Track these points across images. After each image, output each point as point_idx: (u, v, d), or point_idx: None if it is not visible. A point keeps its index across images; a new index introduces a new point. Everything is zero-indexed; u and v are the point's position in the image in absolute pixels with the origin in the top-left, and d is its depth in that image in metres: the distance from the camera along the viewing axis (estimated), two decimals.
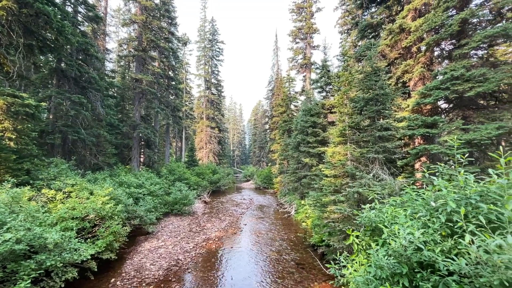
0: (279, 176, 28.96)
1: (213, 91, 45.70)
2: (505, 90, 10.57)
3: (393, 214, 4.71)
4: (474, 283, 2.65)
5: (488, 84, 8.90)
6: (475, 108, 10.82)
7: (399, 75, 13.32)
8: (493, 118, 9.57)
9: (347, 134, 8.66)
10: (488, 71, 9.29)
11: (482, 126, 8.94)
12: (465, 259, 2.80)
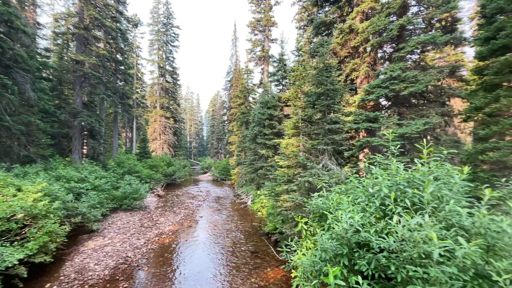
0: (236, 168, 29.12)
1: (167, 79, 43.21)
2: (431, 91, 12.20)
3: (338, 201, 5.12)
4: (400, 257, 3.03)
5: (418, 85, 10.15)
6: (408, 105, 12.29)
7: (348, 73, 14.34)
8: (421, 115, 10.99)
9: (300, 127, 9.06)
10: (419, 73, 10.58)
11: (412, 122, 10.20)
12: (394, 237, 3.18)
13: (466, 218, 3.23)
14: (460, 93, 8.64)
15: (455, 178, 3.51)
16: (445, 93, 11.53)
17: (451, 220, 3.38)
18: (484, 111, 6.74)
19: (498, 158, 6.05)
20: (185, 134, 72.52)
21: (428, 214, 3.18)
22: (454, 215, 3.37)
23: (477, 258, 2.67)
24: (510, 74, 6.35)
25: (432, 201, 3.56)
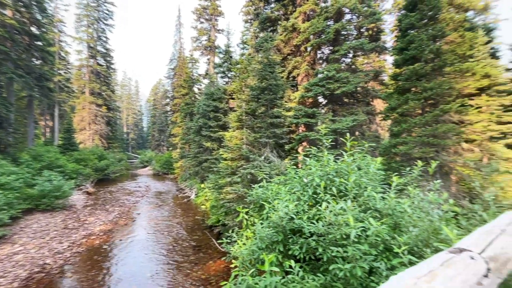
0: (180, 161, 27.95)
1: (99, 61, 38.24)
2: (359, 91, 13.79)
3: (276, 191, 5.39)
4: (326, 240, 3.36)
5: (349, 86, 11.34)
6: (341, 104, 13.66)
7: (290, 70, 15.07)
8: (351, 113, 12.35)
9: (243, 120, 9.17)
10: (350, 75, 11.81)
11: (344, 119, 11.39)
12: (322, 222, 3.51)
13: (379, 202, 3.77)
14: (381, 95, 9.97)
15: (370, 168, 4.02)
16: (369, 94, 13.16)
17: (368, 204, 3.91)
18: (397, 111, 7.94)
19: (405, 151, 7.23)
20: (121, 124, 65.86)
21: (350, 200, 3.60)
22: (371, 200, 3.90)
23: (385, 235, 3.16)
24: (417, 81, 7.59)
25: (355, 188, 4.05)
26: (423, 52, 7.11)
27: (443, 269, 0.57)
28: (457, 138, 7.14)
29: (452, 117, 7.12)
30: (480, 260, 0.64)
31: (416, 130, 7.36)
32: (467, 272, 0.57)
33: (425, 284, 0.51)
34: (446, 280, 0.53)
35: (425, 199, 3.45)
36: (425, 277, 0.53)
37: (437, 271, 0.55)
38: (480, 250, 0.69)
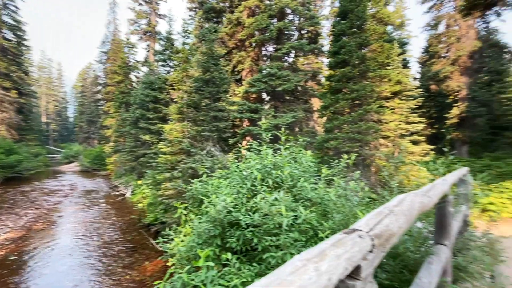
0: (113, 156, 25.28)
1: (6, 35, 31.37)
2: (299, 90, 14.68)
3: (217, 185, 5.33)
4: (261, 230, 3.48)
5: (290, 84, 11.96)
6: (283, 100, 14.32)
7: (235, 64, 15.02)
8: (291, 109, 13.07)
9: (185, 112, 8.77)
10: (291, 74, 12.45)
11: (284, 115, 11.97)
12: (258, 214, 3.61)
13: (310, 192, 4.08)
14: (317, 94, 10.80)
15: (301, 160, 4.31)
16: (307, 93, 14.12)
17: (301, 194, 4.20)
18: (330, 109, 8.72)
19: (336, 146, 8.02)
20: (38, 113, 55.88)
21: (284, 191, 3.81)
22: (304, 190, 4.19)
23: (315, 222, 3.44)
24: (346, 83, 8.45)
25: (289, 179, 4.30)
26: (352, 57, 7.97)
27: (333, 248, 0.61)
28: (376, 135, 8.30)
29: (372, 116, 8.21)
30: (367, 238, 0.72)
31: (344, 127, 8.22)
32: (353, 249, 0.63)
33: (313, 264, 0.53)
34: (333, 258, 0.57)
35: (347, 187, 3.86)
36: (315, 258, 0.56)
37: (327, 251, 0.59)
38: (369, 229, 0.78)
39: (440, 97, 20.67)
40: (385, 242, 0.82)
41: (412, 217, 1.11)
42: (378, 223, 0.84)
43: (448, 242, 2.24)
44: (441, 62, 19.51)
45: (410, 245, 2.44)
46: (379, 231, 0.79)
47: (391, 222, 0.89)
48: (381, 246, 0.79)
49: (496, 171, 11.88)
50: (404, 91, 10.38)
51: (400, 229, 0.93)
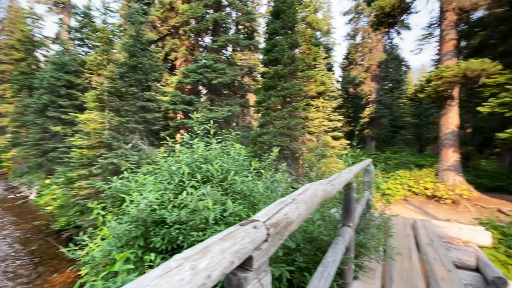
0: (12, 150, 20.63)
1: None
2: (236, 84, 14.73)
3: (142, 182, 4.89)
4: (188, 226, 3.35)
5: (225, 77, 11.86)
6: (219, 94, 14.14)
7: (168, 52, 14.03)
8: (227, 103, 13.03)
9: (105, 100, 7.71)
10: (227, 67, 12.36)
11: (220, 108, 11.85)
12: (186, 210, 3.46)
13: (240, 185, 4.14)
14: (252, 90, 11.03)
15: (231, 153, 4.33)
16: (244, 88, 14.31)
17: (232, 187, 4.22)
18: (263, 105, 9.03)
19: (268, 140, 8.37)
20: None
21: (213, 185, 3.76)
22: (234, 183, 4.22)
23: (243, 214, 3.50)
24: (278, 81, 8.87)
25: (220, 173, 4.26)
26: (283, 56, 8.41)
27: (220, 243, 0.59)
28: (303, 131, 9.03)
29: (300, 113, 8.89)
30: (262, 228, 0.72)
31: (276, 122, 8.65)
32: (244, 241, 0.62)
33: (190, 263, 0.50)
34: (217, 253, 0.54)
35: (273, 179, 4.05)
36: (195, 255, 0.52)
37: (212, 246, 0.56)
38: (266, 219, 0.79)
39: (356, 99, 23.90)
40: (282, 229, 0.85)
41: (314, 204, 1.21)
42: (278, 212, 0.87)
43: (352, 224, 2.58)
44: (357, 68, 22.52)
45: (323, 229, 2.72)
46: (276, 220, 0.82)
47: (290, 210, 0.93)
48: (278, 234, 0.82)
49: (394, 162, 14.51)
50: (327, 92, 11.63)
51: (300, 216, 0.99)
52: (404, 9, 9.05)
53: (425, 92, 8.82)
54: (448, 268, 3.06)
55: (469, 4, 7.92)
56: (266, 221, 0.78)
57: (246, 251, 0.63)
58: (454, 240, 4.63)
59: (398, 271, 2.97)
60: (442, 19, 9.09)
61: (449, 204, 8.37)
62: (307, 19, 13.32)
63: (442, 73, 8.08)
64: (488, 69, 7.55)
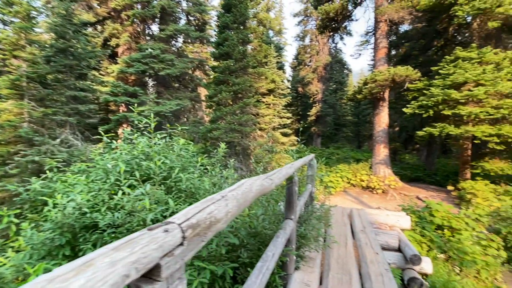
0: None
1: None
2: (186, 78, 14.07)
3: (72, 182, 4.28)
4: (124, 229, 3.04)
5: (174, 69, 11.22)
6: (167, 87, 13.33)
7: (108, 37, 12.62)
8: (176, 97, 12.38)
9: (24, 87, 6.51)
10: (175, 58, 11.70)
11: (168, 102, 11.18)
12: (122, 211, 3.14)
13: (185, 182, 3.94)
14: (202, 84, 10.68)
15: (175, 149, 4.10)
16: (194, 81, 13.77)
17: (178, 185, 3.98)
18: (214, 100, 8.82)
19: (218, 136, 8.22)
20: None
21: (154, 183, 3.49)
22: (179, 181, 3.99)
23: None
24: (229, 75, 8.75)
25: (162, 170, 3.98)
26: (234, 51, 8.31)
27: (111, 253, 0.48)
28: (254, 127, 9.13)
29: (251, 110, 8.96)
30: (176, 231, 0.64)
31: (227, 118, 8.54)
32: (146, 249, 0.53)
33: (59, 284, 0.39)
34: (102, 267, 0.44)
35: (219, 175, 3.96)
36: (67, 274, 0.42)
37: (97, 259, 0.46)
38: (184, 220, 0.71)
39: (305, 98, 25.24)
40: (205, 230, 0.78)
41: (248, 200, 1.17)
42: (200, 212, 0.80)
43: (294, 216, 2.66)
44: (306, 69, 23.75)
45: (267, 224, 2.76)
46: (196, 220, 0.74)
47: (217, 208, 0.87)
48: (198, 236, 0.75)
49: (336, 157, 15.82)
50: (277, 89, 11.99)
51: (229, 213, 0.94)
52: (346, 16, 9.81)
53: (362, 93, 9.76)
54: (376, 251, 3.42)
55: (397, 17, 9.00)
56: (183, 222, 0.70)
57: (150, 259, 0.54)
58: (383, 225, 5.23)
59: (335, 258, 3.20)
60: (377, 29, 10.15)
61: (380, 194, 9.48)
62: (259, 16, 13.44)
63: (376, 77, 9.04)
64: (411, 75, 8.71)
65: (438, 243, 5.13)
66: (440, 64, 8.43)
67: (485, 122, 7.64)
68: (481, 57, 7.55)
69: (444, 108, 7.92)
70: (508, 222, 5.70)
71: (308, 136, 24.97)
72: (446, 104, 7.94)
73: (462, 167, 8.99)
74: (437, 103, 8.03)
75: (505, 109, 7.10)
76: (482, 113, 7.22)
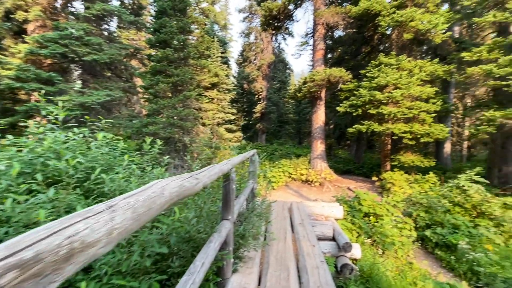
0: None
1: None
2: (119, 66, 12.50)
3: None
4: None
5: (103, 55, 9.81)
6: (95, 74, 11.62)
7: (12, 9, 10.26)
8: (106, 87, 10.88)
9: None
10: (104, 43, 10.24)
11: (95, 92, 9.74)
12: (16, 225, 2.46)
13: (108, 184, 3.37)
14: (136, 73, 9.62)
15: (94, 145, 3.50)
16: (128, 71, 12.37)
17: (101, 188, 3.38)
18: (150, 91, 8.02)
19: (155, 131, 7.51)
20: None
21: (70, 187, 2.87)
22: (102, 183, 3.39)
23: None
24: (168, 65, 8.06)
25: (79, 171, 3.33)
26: (173, 39, 7.67)
27: None
28: (196, 122, 8.66)
29: (192, 103, 8.46)
30: None
31: (166, 111, 7.86)
32: None
33: None
34: None
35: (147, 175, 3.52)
36: None
37: None
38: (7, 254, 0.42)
39: (250, 95, 25.47)
40: (57, 264, 0.51)
41: (156, 207, 0.92)
42: (50, 236, 0.52)
43: (231, 217, 2.48)
44: (251, 66, 23.95)
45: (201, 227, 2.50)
46: (34, 254, 0.46)
47: (89, 226, 0.60)
48: (38, 277, 0.47)
49: (279, 153, 16.41)
50: (221, 84, 11.67)
51: (114, 231, 0.67)
52: (287, 15, 10.08)
53: (302, 92, 10.22)
54: (313, 244, 3.52)
55: (332, 21, 9.68)
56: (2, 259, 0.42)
57: None
58: (319, 217, 5.52)
59: (274, 254, 3.16)
60: (315, 31, 10.75)
61: (318, 186, 10.15)
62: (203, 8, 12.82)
63: (314, 76, 9.56)
64: (343, 76, 9.49)
65: (365, 229, 5.68)
66: (367, 68, 9.41)
67: (401, 121, 8.84)
68: (399, 64, 8.69)
69: (370, 107, 8.88)
70: (417, 206, 6.69)
71: (254, 132, 25.34)
72: (371, 104, 8.90)
73: (383, 160, 10.27)
74: (365, 103, 8.94)
75: (415, 110, 8.32)
76: (399, 112, 8.32)
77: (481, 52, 7.50)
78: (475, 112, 10.41)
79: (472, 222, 6.06)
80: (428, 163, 8.87)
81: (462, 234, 5.54)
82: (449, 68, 8.69)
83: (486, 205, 6.29)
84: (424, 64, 8.69)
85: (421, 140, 8.50)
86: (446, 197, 6.69)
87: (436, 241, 5.58)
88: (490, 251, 5.08)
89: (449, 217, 6.02)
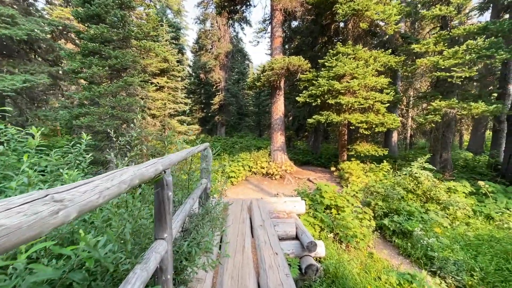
0: None
1: None
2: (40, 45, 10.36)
3: None
4: None
5: (17, 31, 7.91)
6: (9, 55, 9.44)
7: None
8: (25, 70, 8.91)
9: None
10: (20, 16, 8.28)
11: (9, 76, 7.84)
12: None
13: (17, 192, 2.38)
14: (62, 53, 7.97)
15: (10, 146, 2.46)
16: (56, 52, 10.38)
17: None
18: (81, 75, 6.65)
19: (88, 123, 6.25)
20: None
21: None
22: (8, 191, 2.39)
23: None
24: (103, 45, 6.75)
25: None
26: (108, 14, 6.39)
27: None
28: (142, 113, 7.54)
29: (136, 91, 7.31)
30: None
31: (102, 100, 6.60)
32: None
33: None
34: None
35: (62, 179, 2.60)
36: None
37: None
38: None
39: (207, 86, 24.20)
40: None
41: None
42: None
43: (167, 234, 1.81)
44: (207, 55, 22.62)
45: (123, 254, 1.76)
46: None
47: None
48: None
49: (239, 146, 15.83)
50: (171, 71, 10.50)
51: None
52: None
53: (261, 81, 9.71)
54: (276, 251, 3.04)
55: (290, 7, 9.27)
56: None
57: None
58: (281, 213, 5.11)
59: (230, 271, 2.58)
60: (273, 17, 10.25)
61: (278, 179, 9.86)
62: None
63: (273, 64, 9.10)
64: (302, 65, 9.21)
65: (328, 223, 5.47)
66: (325, 58, 9.28)
67: (357, 111, 8.94)
68: (355, 54, 8.70)
69: (329, 97, 8.78)
70: (374, 195, 6.76)
71: (213, 125, 24.26)
72: (330, 94, 8.81)
73: (341, 150, 10.41)
74: (323, 93, 8.81)
75: (371, 100, 8.45)
76: (356, 102, 8.36)
77: (428, 44, 7.84)
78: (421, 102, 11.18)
79: (423, 208, 6.31)
80: (381, 152, 9.19)
81: (416, 220, 5.69)
82: (400, 59, 9.00)
83: (434, 190, 6.62)
84: (379, 55, 8.85)
85: (376, 130, 8.71)
86: (400, 185, 6.89)
87: (393, 229, 5.63)
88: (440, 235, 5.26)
89: (403, 204, 6.16)
